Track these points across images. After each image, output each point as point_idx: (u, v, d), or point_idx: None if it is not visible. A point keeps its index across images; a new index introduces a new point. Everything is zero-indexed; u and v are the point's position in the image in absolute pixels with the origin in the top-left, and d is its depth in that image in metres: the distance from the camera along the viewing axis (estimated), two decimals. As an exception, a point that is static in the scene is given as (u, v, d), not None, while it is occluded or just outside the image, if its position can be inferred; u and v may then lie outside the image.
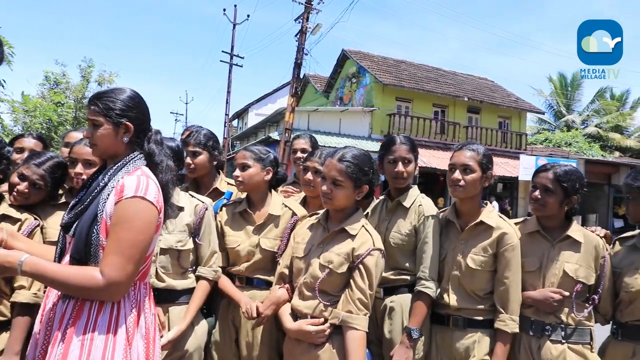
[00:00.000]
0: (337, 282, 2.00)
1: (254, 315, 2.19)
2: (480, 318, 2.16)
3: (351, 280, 1.97)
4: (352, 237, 2.02)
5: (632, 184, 2.15)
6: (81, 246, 1.58)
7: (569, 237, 2.20)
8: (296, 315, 2.06)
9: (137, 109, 1.71)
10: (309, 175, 2.62)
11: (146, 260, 1.67)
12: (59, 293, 1.61)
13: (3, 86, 8.79)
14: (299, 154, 3.27)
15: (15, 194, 2.12)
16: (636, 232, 2.28)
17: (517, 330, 2.11)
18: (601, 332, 2.27)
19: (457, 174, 2.20)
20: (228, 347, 2.38)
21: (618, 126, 29.05)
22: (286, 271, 2.20)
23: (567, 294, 2.12)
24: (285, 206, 2.50)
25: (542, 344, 2.13)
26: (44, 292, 1.78)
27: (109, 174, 1.65)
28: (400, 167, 2.38)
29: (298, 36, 15.27)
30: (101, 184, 1.64)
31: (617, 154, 27.32)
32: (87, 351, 1.49)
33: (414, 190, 2.45)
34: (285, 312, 2.11)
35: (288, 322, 2.06)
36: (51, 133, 17.26)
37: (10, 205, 2.11)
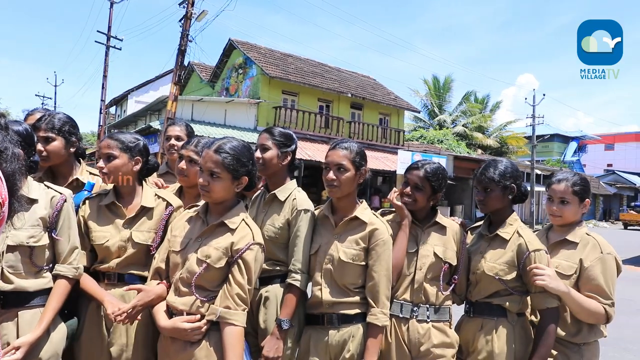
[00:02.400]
0: (215, 277, 1.93)
1: (122, 318, 2.01)
2: (353, 312, 2.21)
3: (230, 275, 1.91)
4: (232, 231, 1.96)
5: (485, 174, 2.36)
6: None
7: (436, 223, 2.40)
8: (172, 312, 1.96)
9: None
10: (183, 164, 2.50)
11: None
12: None
13: None
14: (173, 141, 3.10)
15: None
16: (482, 221, 2.55)
17: (387, 323, 2.20)
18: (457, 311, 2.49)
19: (331, 174, 2.22)
20: (98, 351, 2.18)
21: (480, 127, 32.49)
22: (162, 265, 2.08)
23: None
24: (159, 197, 2.35)
25: (410, 325, 2.28)
26: None
27: None
28: (258, 153, 2.41)
29: (182, 22, 14.63)
30: None
31: (479, 151, 30.57)
32: None
33: (290, 184, 2.46)
34: (159, 310, 1.99)
35: (162, 320, 1.95)
36: None
37: None
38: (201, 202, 2.15)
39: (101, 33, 22.98)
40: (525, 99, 29.05)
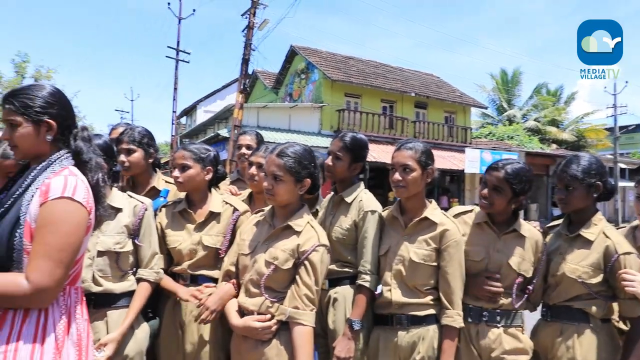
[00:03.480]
0: (282, 278, 1.98)
1: (199, 297, 2.17)
2: (423, 314, 2.18)
3: (297, 277, 1.96)
4: (297, 233, 2.01)
5: (567, 171, 2.22)
6: (2, 252, 1.47)
7: (514, 231, 2.26)
8: (243, 312, 2.03)
9: (58, 105, 1.61)
10: (253, 170, 2.61)
11: (76, 264, 1.58)
12: None
13: None
14: (244, 150, 3.23)
15: None
16: (561, 220, 2.40)
17: (463, 325, 2.15)
18: (530, 317, 2.37)
19: (397, 175, 2.21)
20: (174, 348, 2.32)
21: (554, 120, 30.71)
22: (232, 268, 2.16)
23: (502, 290, 2.18)
24: (226, 203, 2.46)
25: (480, 330, 2.20)
26: None
27: (32, 174, 1.55)
28: (328, 160, 2.47)
29: (245, 32, 15.09)
30: (24, 186, 1.53)
31: (554, 146, 28.88)
32: None
33: (358, 186, 2.48)
34: (231, 309, 2.07)
35: (234, 319, 2.03)
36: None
37: None
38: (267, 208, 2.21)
39: (171, 48, 24.20)
40: (605, 87, 27.05)
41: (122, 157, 2.49)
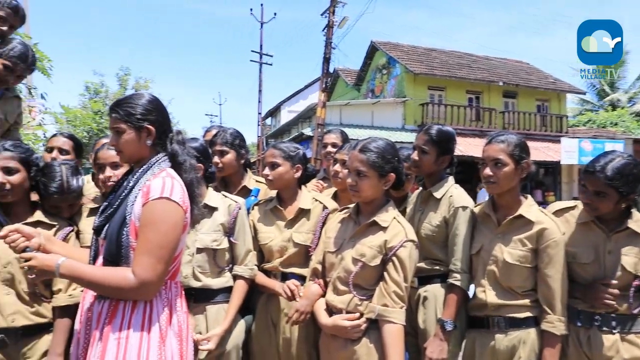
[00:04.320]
0: (371, 275, 1.96)
1: (293, 289, 2.21)
2: (522, 316, 2.04)
3: (385, 273, 1.93)
4: (384, 229, 1.98)
5: None
6: (112, 248, 1.61)
7: (627, 229, 2.03)
8: (331, 310, 2.04)
9: (156, 111, 1.73)
10: (337, 167, 2.62)
11: (175, 260, 1.69)
12: (95, 294, 1.65)
13: (45, 99, 9.14)
14: (330, 149, 3.24)
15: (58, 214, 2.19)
16: None
17: (565, 332, 1.99)
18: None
19: (488, 170, 2.10)
20: (267, 344, 2.39)
21: (667, 102, 27.57)
22: (319, 267, 2.18)
23: (617, 292, 1.98)
24: (316, 200, 2.49)
25: (592, 335, 2.02)
26: (81, 291, 1.82)
27: (135, 176, 1.68)
28: (414, 155, 2.43)
29: (325, 30, 15.21)
30: (128, 187, 1.66)
31: (667, 131, 25.92)
32: (124, 349, 1.54)
33: (448, 181, 2.40)
34: (320, 308, 2.08)
35: (323, 318, 2.04)
36: (92, 141, 17.89)
37: (45, 212, 2.16)
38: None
39: (254, 52, 25.07)
40: None
41: (216, 159, 2.60)
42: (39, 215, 2.10)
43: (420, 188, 2.51)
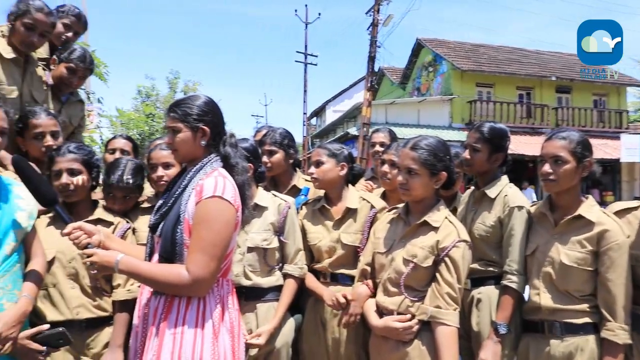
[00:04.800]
0: (422, 276, 1.93)
1: (342, 301, 2.19)
2: (580, 322, 1.94)
3: (437, 274, 1.89)
4: (435, 229, 1.94)
5: None
6: (167, 245, 1.66)
7: None
8: (381, 311, 2.02)
9: (212, 113, 1.77)
10: (385, 168, 2.60)
11: (227, 258, 1.72)
12: (151, 290, 1.71)
13: (102, 103, 9.61)
14: (378, 148, 3.22)
15: (113, 208, 2.28)
16: None
17: (629, 341, 1.87)
18: None
19: (547, 167, 2.01)
20: (316, 343, 2.40)
21: None
22: (368, 268, 2.16)
23: None
24: (363, 199, 2.47)
25: None
26: (138, 287, 1.89)
27: (188, 176, 1.72)
28: (466, 154, 2.38)
29: (370, 29, 15.12)
30: (182, 186, 1.71)
31: None
32: (179, 344, 1.59)
33: (502, 180, 2.34)
34: (370, 309, 2.07)
35: (374, 319, 2.02)
36: (144, 143, 18.60)
37: (105, 210, 2.26)
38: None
39: (299, 52, 25.27)
40: None
41: (265, 158, 2.63)
42: (99, 214, 2.20)
43: (472, 187, 2.44)
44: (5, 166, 2.24)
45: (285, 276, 2.33)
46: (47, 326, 1.81)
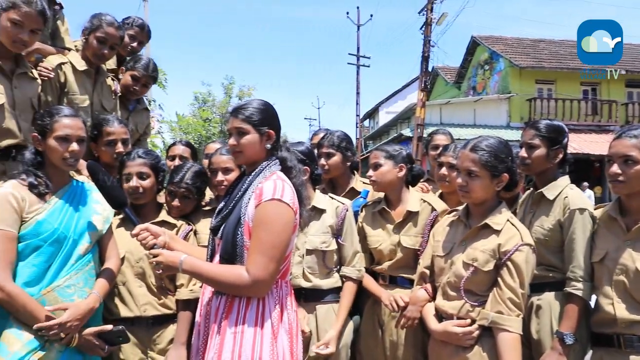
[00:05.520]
0: (483, 280, 1.88)
1: (400, 305, 2.18)
2: None
3: (499, 279, 1.84)
4: (497, 232, 1.89)
5: None
6: (228, 247, 1.71)
7: None
8: (441, 316, 1.99)
9: (274, 118, 1.82)
10: (444, 170, 2.57)
11: (286, 259, 1.76)
12: (212, 289, 1.77)
13: (162, 109, 10.06)
14: (440, 150, 3.16)
15: (173, 209, 2.37)
16: None
17: None
18: None
19: (615, 167, 1.89)
20: (374, 345, 2.40)
21: None
22: (427, 271, 2.14)
23: None
24: (424, 201, 2.44)
25: None
26: (200, 287, 1.95)
27: (248, 179, 1.77)
28: (522, 152, 2.25)
29: (423, 29, 14.90)
30: (242, 189, 1.75)
31: None
32: (239, 343, 1.64)
33: (562, 181, 2.23)
34: (429, 313, 2.04)
35: (433, 323, 1.99)
36: (202, 146, 19.26)
37: (168, 213, 2.36)
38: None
39: (352, 55, 25.26)
40: None
41: (322, 161, 2.66)
42: (163, 216, 2.31)
43: (531, 188, 2.35)
44: (80, 171, 2.39)
45: (343, 278, 2.34)
46: (110, 327, 1.92)
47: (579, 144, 15.91)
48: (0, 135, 2.31)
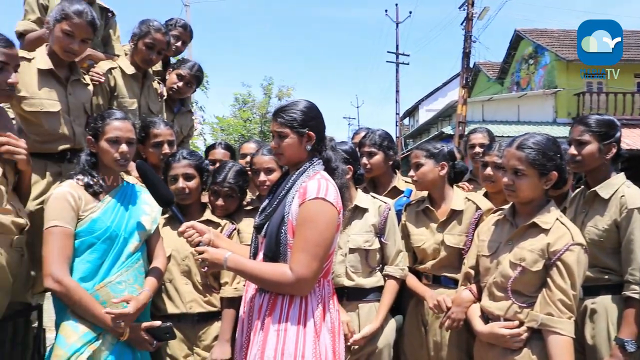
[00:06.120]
0: (532, 281, 1.82)
1: (444, 308, 2.15)
2: None
3: (549, 280, 1.78)
4: (546, 231, 1.83)
5: None
6: (272, 245, 1.73)
7: None
8: (487, 317, 1.94)
9: (315, 118, 1.82)
10: (489, 171, 2.52)
11: (329, 258, 1.76)
12: (256, 287, 1.79)
13: (203, 111, 10.30)
14: (477, 149, 3.09)
15: (217, 209, 2.42)
16: None
17: None
18: None
19: None
20: (418, 345, 2.38)
21: None
22: (471, 271, 2.10)
23: None
24: (468, 200, 2.40)
25: None
26: (243, 285, 1.99)
27: (292, 179, 1.78)
28: (572, 150, 2.16)
29: (464, 24, 14.59)
30: (286, 189, 1.77)
31: None
32: (282, 341, 1.65)
33: (617, 178, 2.13)
34: (474, 314, 2.00)
35: (479, 325, 1.95)
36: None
37: (212, 212, 2.41)
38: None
39: (390, 53, 25.04)
40: None
41: (364, 160, 2.66)
42: (208, 215, 2.36)
43: (582, 187, 2.27)
44: (129, 172, 2.48)
45: (386, 277, 2.33)
46: (158, 323, 1.98)
47: (633, 139, 15.15)
48: (56, 140, 2.43)
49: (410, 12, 25.31)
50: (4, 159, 1.88)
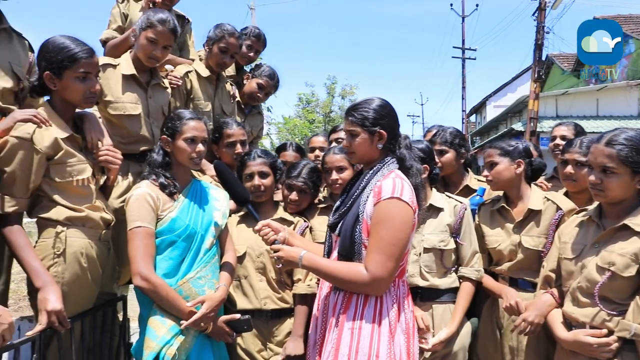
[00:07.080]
0: (622, 287, 1.71)
1: (521, 310, 2.06)
2: None
3: None
4: (639, 234, 1.69)
5: None
6: (346, 244, 1.74)
7: None
8: (570, 323, 1.84)
9: (388, 117, 1.81)
10: (570, 169, 2.38)
11: (404, 258, 1.74)
12: (330, 285, 1.81)
13: (270, 111, 10.51)
14: (558, 141, 2.94)
15: (289, 203, 2.46)
16: None
17: None
18: None
19: None
20: (493, 350, 2.30)
21: None
22: (552, 275, 2.00)
23: None
24: (548, 200, 2.28)
25: None
26: (316, 283, 2.01)
27: (366, 178, 1.78)
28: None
29: (536, 14, 13.87)
30: (360, 188, 1.77)
31: None
32: (357, 339, 1.65)
33: None
34: (556, 320, 1.90)
35: (561, 331, 1.86)
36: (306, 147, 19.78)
37: (285, 209, 2.46)
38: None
39: (456, 48, 24.35)
40: None
41: (435, 158, 2.60)
42: (281, 213, 2.41)
43: None
44: (204, 171, 2.58)
45: (462, 279, 2.27)
46: (238, 315, 2.05)
47: None
48: (137, 142, 2.58)
49: (477, 5, 24.48)
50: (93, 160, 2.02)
